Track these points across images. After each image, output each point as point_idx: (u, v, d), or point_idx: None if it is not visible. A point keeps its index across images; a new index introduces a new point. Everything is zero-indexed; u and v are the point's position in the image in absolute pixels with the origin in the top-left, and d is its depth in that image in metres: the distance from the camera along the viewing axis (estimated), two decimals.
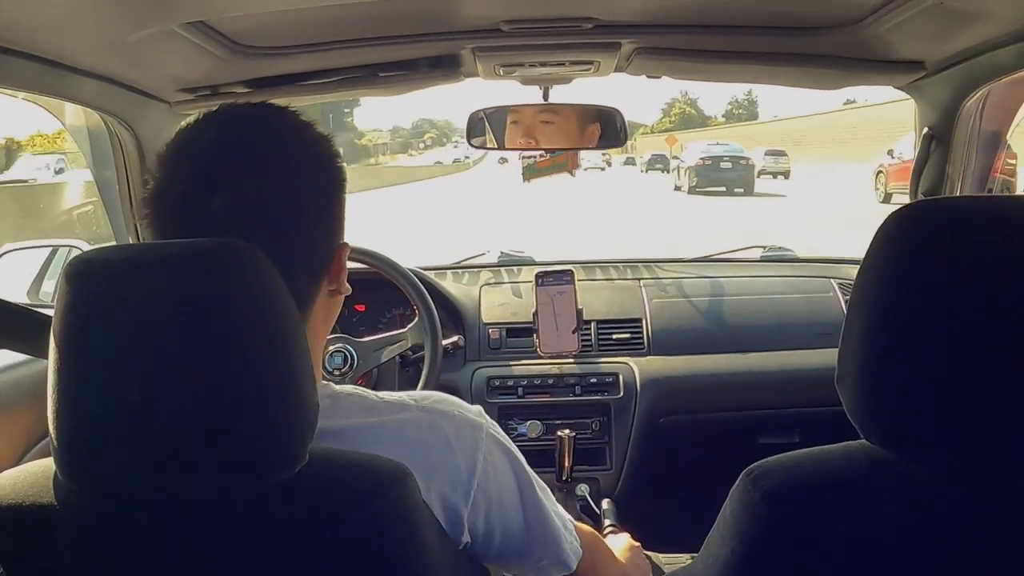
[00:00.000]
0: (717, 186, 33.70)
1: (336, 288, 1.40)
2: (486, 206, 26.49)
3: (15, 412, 2.01)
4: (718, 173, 33.98)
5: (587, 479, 2.96)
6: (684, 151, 40.01)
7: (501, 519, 1.41)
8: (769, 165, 42.47)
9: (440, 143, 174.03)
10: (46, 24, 1.71)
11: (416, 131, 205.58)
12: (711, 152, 35.14)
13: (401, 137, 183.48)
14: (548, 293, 3.14)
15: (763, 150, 44.10)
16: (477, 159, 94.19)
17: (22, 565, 1.27)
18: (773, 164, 42.81)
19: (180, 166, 1.30)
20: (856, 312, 1.12)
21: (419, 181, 54.94)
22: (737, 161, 34.43)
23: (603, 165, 64.94)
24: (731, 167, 34.00)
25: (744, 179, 34.13)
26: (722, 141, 39.04)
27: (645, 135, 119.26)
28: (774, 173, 42.26)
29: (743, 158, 34.79)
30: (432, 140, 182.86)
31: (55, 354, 1.11)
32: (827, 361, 1.37)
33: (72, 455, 1.12)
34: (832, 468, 1.13)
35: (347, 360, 2.88)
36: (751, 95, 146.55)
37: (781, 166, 43.24)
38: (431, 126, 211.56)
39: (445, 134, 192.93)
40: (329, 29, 2.21)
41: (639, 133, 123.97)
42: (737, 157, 34.71)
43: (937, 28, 2.04)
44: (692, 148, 38.26)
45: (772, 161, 42.96)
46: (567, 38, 2.27)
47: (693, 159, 35.16)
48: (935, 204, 1.15)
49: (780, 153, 44.35)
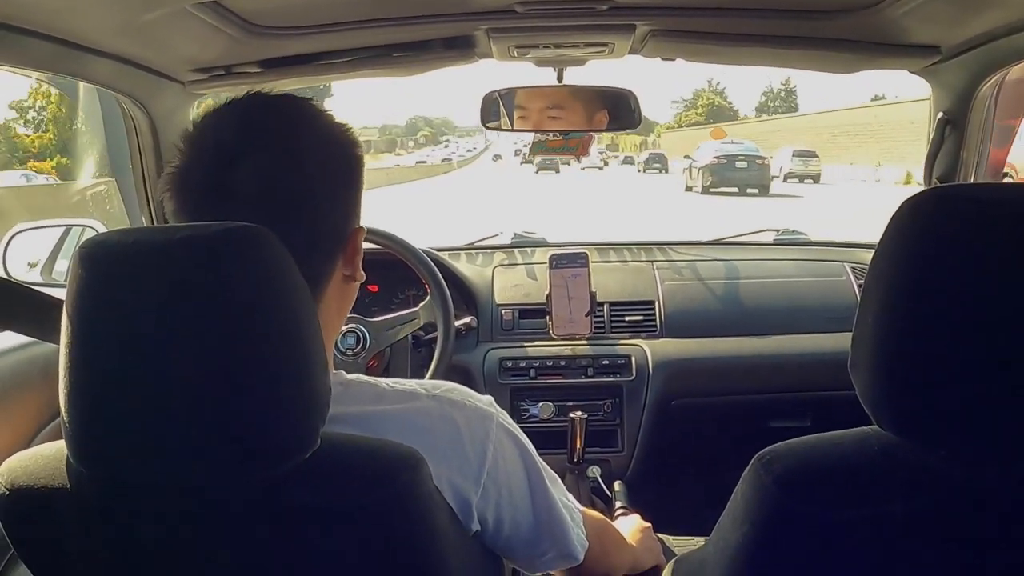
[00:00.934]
0: (730, 186, 33.31)
1: (351, 274, 1.42)
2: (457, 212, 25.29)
3: (27, 392, 2.02)
4: (733, 172, 33.53)
5: (599, 461, 2.96)
6: (697, 149, 38.48)
7: (510, 510, 1.42)
8: (797, 167, 40.25)
9: (435, 141, 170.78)
10: (61, 4, 1.72)
11: (410, 128, 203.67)
12: (725, 151, 34.67)
13: (390, 135, 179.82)
14: (562, 276, 3.13)
15: (791, 150, 41.77)
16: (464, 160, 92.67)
17: (33, 547, 1.28)
18: (801, 166, 40.42)
19: (203, 147, 1.33)
20: (870, 297, 1.11)
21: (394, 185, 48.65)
22: (752, 160, 34.09)
23: (600, 164, 64.11)
24: (746, 166, 33.66)
25: (759, 179, 33.73)
26: (736, 139, 38.51)
27: (671, 129, 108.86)
28: (801, 176, 39.89)
29: (759, 157, 34.41)
30: (426, 139, 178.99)
31: (67, 336, 1.11)
32: (840, 345, 1.37)
33: (83, 439, 1.13)
34: (844, 453, 1.13)
35: (359, 340, 2.88)
36: (788, 84, 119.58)
37: (810, 169, 40.58)
38: (426, 124, 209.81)
39: (441, 132, 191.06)
40: (343, 9, 2.21)
41: (664, 127, 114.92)
42: (753, 156, 34.42)
43: (953, 12, 2.04)
44: (705, 147, 37.15)
45: (800, 163, 40.54)
46: (581, 19, 2.27)
47: (707, 158, 34.62)
48: (950, 191, 1.14)
49: (810, 154, 41.60)
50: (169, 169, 1.34)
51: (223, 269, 1.08)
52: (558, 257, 3.17)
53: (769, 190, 33.53)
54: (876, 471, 1.10)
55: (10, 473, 1.23)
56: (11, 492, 1.21)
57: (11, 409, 1.99)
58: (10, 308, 1.83)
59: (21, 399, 2.01)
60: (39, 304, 1.81)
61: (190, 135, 1.35)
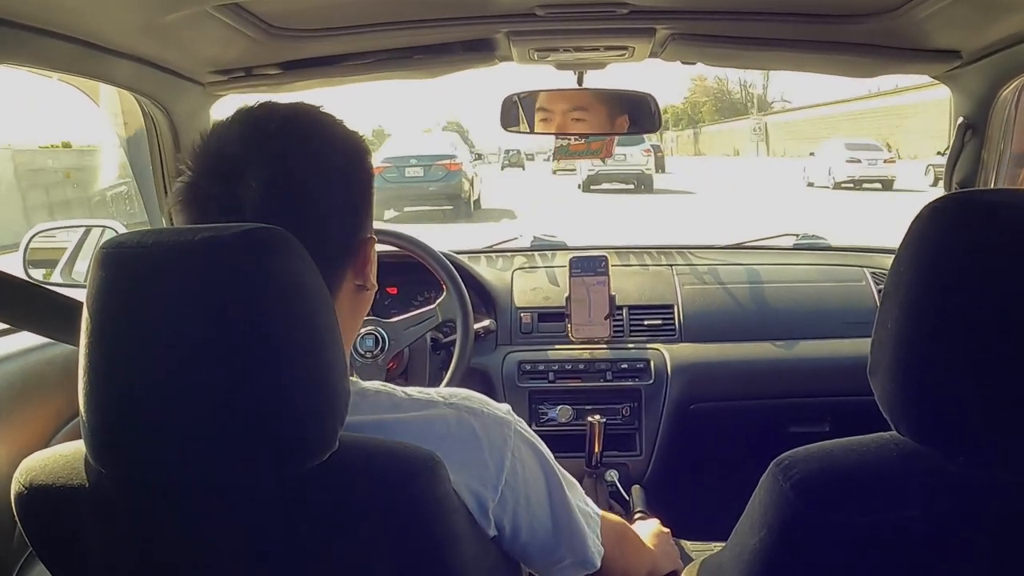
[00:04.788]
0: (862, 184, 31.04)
1: (363, 283, 1.41)
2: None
3: (46, 392, 2.03)
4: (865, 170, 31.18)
5: (617, 465, 2.95)
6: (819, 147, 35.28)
7: (528, 517, 1.42)
8: (856, 170, 31.35)
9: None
10: (82, 5, 1.72)
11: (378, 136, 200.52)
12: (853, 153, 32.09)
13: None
14: (584, 284, 3.14)
15: (842, 143, 33.25)
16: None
17: (51, 546, 1.29)
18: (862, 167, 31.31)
19: (208, 159, 1.33)
20: (889, 303, 1.11)
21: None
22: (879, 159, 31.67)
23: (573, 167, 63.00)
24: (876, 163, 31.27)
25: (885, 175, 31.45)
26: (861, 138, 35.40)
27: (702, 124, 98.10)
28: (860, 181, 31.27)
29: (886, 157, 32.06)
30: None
31: (87, 337, 1.12)
32: (859, 350, 1.37)
33: (102, 439, 1.13)
34: (862, 460, 1.12)
35: (378, 342, 2.88)
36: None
37: (879, 171, 31.32)
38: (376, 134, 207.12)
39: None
40: (364, 12, 2.21)
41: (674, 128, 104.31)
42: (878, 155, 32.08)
43: (974, 17, 2.03)
44: (829, 145, 34.00)
45: (866, 163, 31.39)
46: (602, 23, 2.27)
47: (837, 157, 32.22)
48: (970, 196, 1.14)
49: (872, 147, 32.82)
50: (177, 183, 1.34)
51: (243, 270, 1.09)
52: (578, 260, 3.17)
53: (892, 186, 31.18)
54: (894, 477, 1.09)
55: (28, 472, 1.23)
56: (29, 491, 1.22)
57: (30, 410, 1.99)
58: (29, 309, 1.83)
59: (40, 400, 2.02)
60: (58, 305, 1.82)
61: (197, 148, 1.35)
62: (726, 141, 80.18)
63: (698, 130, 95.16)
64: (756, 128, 70.28)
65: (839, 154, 32.45)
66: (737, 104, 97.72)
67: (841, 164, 32.00)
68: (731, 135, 79.90)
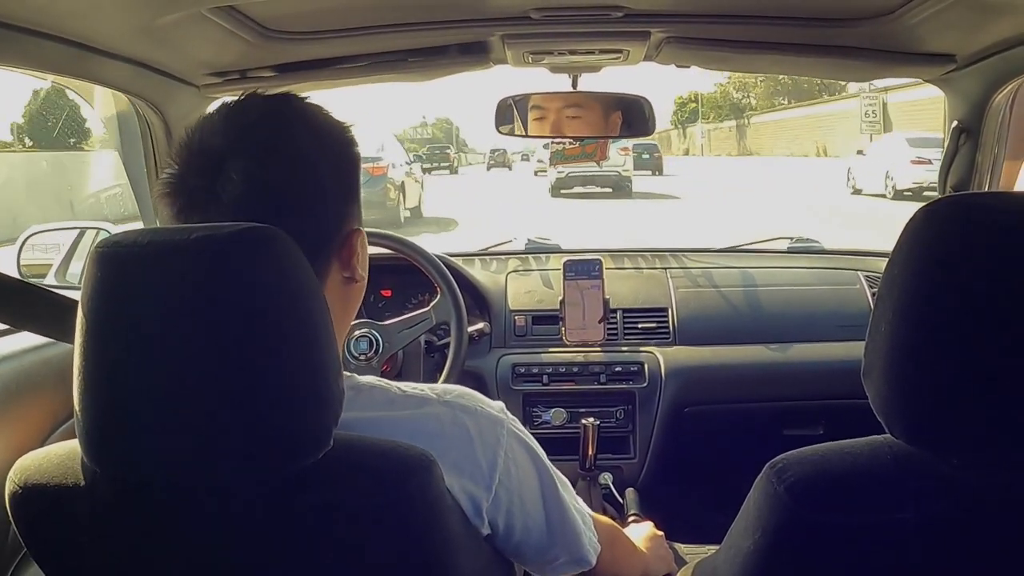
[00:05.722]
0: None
1: (350, 275, 1.40)
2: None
3: (41, 392, 2.02)
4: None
5: (611, 468, 2.95)
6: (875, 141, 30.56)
7: (522, 516, 1.42)
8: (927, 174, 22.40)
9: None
10: (76, 7, 1.72)
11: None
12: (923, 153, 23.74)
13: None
14: (578, 287, 3.14)
15: (903, 137, 26.96)
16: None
17: (45, 547, 1.29)
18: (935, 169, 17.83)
19: (192, 152, 1.32)
20: (883, 306, 1.11)
21: None
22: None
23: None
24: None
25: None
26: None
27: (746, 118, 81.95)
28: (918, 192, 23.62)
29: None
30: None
31: (81, 336, 1.12)
32: (853, 354, 1.37)
33: (97, 439, 1.13)
34: (856, 462, 1.13)
35: (372, 345, 2.87)
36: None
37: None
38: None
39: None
40: (358, 15, 2.21)
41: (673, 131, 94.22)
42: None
43: (969, 21, 2.03)
44: (891, 139, 27.82)
45: (937, 164, 15.63)
46: (597, 26, 2.26)
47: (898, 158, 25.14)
48: (964, 199, 1.14)
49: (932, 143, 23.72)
50: (163, 176, 1.34)
51: (237, 269, 1.09)
52: (572, 264, 3.16)
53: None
54: (888, 479, 1.10)
55: (23, 472, 1.23)
56: (23, 491, 1.22)
57: (25, 410, 1.99)
58: (25, 309, 1.83)
59: (35, 400, 2.02)
60: (54, 304, 1.82)
61: (182, 141, 1.35)
62: (798, 133, 61.34)
63: (743, 121, 79.15)
64: (869, 111, 44.75)
65: (900, 151, 25.48)
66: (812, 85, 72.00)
67: (903, 165, 25.05)
68: (805, 125, 60.63)
